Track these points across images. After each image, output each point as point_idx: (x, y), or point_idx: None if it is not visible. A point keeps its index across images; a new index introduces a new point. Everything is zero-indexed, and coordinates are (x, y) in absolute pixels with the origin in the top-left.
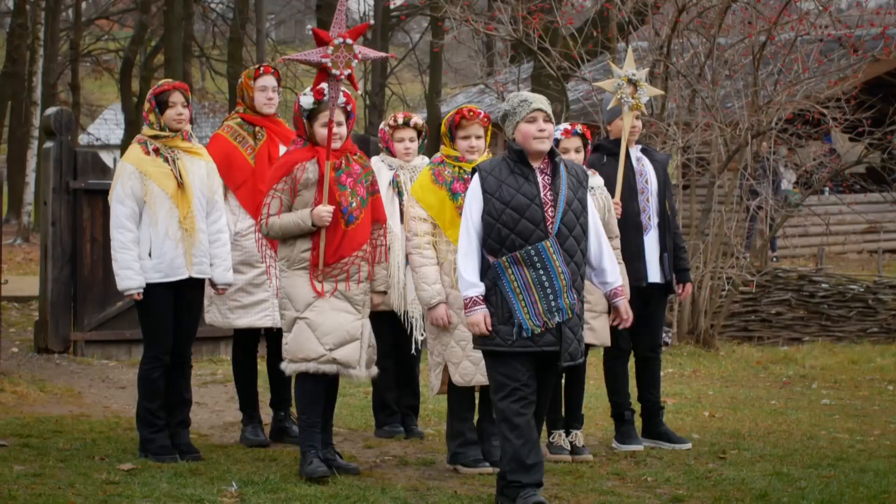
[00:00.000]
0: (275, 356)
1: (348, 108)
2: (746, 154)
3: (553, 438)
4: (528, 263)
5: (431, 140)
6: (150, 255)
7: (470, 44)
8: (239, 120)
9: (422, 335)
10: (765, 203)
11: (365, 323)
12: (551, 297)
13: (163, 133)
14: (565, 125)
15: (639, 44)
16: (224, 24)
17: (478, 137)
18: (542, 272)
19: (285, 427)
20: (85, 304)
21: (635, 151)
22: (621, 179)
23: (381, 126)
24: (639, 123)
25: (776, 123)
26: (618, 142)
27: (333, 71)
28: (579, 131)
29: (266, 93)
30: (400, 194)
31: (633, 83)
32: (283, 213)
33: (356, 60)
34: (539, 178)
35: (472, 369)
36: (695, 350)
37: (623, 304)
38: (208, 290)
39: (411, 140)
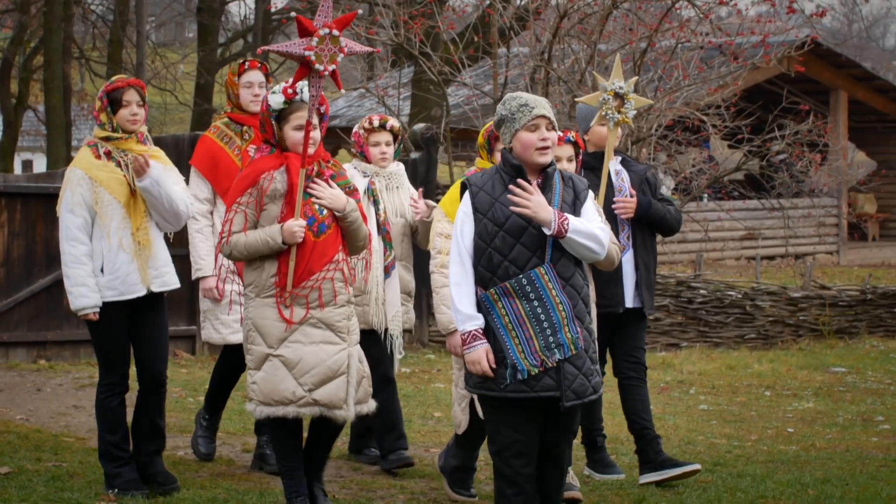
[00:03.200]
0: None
1: (321, 108)
2: None
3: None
4: (521, 294)
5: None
6: (102, 270)
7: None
8: (226, 120)
9: (400, 354)
10: None
11: (352, 352)
12: (549, 331)
13: (115, 135)
14: (557, 132)
15: (520, 49)
16: (104, 25)
17: None
18: (536, 304)
19: (265, 454)
20: None
21: (614, 164)
22: (602, 200)
23: (356, 129)
24: (619, 132)
25: (656, 130)
26: (596, 154)
27: (317, 66)
28: (571, 139)
29: (252, 89)
30: (376, 203)
31: (619, 96)
32: (248, 231)
33: (342, 55)
34: None
35: None
36: None
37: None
38: (202, 305)
39: (388, 144)
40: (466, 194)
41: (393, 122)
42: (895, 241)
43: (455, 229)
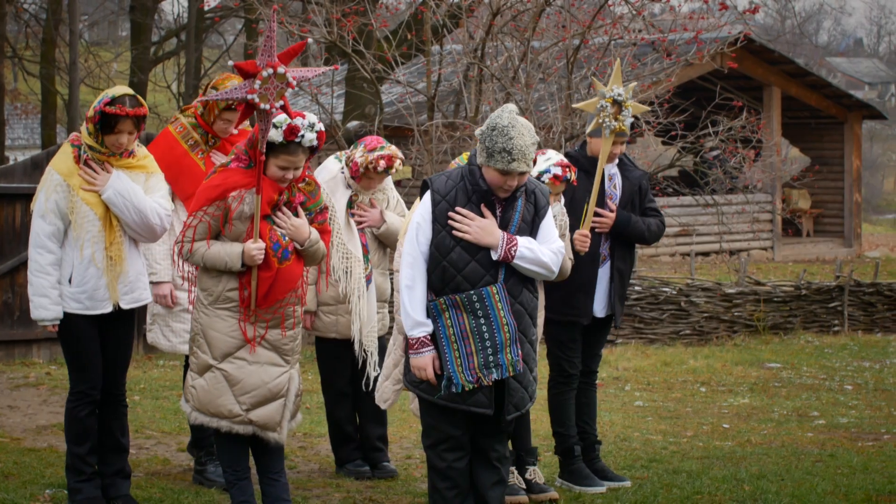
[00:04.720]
0: None
1: (315, 145)
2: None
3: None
4: (469, 309)
5: None
6: (70, 281)
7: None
8: (193, 120)
9: (375, 372)
10: None
11: (293, 374)
12: (490, 350)
13: (100, 148)
14: (556, 170)
15: (453, 47)
16: (37, 24)
17: None
18: (483, 321)
19: (205, 470)
20: None
21: (611, 167)
22: (592, 210)
23: (357, 158)
24: (622, 148)
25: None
26: (593, 160)
27: (262, 106)
28: (569, 178)
29: (229, 126)
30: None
31: (617, 103)
32: (211, 242)
33: (290, 89)
34: (498, 214)
35: None
36: None
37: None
38: (151, 307)
39: (381, 180)
40: (427, 199)
41: (398, 165)
42: (829, 237)
43: (410, 231)
